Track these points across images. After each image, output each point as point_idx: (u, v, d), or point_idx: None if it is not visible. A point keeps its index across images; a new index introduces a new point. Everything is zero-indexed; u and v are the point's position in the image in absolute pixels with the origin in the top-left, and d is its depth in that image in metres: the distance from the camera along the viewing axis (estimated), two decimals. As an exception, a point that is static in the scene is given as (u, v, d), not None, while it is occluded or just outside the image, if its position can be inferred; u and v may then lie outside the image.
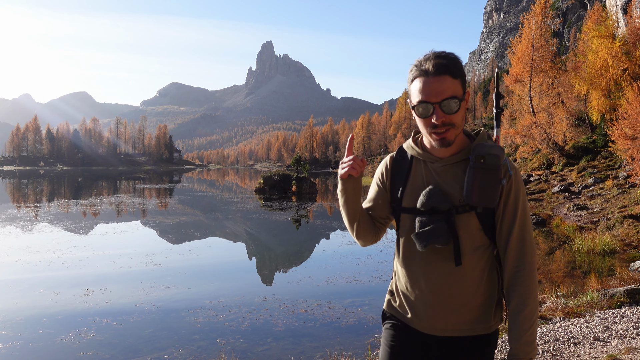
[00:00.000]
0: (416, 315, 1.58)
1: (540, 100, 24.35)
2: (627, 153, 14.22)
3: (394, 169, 1.66)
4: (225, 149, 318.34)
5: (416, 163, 1.62)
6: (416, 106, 1.47)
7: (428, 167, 1.58)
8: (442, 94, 1.42)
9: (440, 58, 1.44)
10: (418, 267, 1.56)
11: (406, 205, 1.58)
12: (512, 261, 1.51)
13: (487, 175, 1.46)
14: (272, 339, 5.30)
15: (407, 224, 1.58)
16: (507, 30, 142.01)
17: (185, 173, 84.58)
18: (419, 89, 1.45)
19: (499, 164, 1.47)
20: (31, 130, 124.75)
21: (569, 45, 53.05)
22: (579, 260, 9.04)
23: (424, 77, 1.45)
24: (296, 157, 30.30)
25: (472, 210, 1.50)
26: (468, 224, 1.50)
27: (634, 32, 19.50)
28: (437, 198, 1.49)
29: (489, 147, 1.49)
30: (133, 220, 17.00)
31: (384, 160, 1.74)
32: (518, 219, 1.52)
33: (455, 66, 1.46)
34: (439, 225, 1.48)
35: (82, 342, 5.22)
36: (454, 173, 1.54)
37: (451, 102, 1.43)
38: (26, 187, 36.19)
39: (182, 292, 7.30)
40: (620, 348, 4.10)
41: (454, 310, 1.52)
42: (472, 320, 1.54)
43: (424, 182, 1.57)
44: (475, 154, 1.48)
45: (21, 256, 9.69)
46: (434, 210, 1.50)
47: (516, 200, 1.53)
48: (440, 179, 1.54)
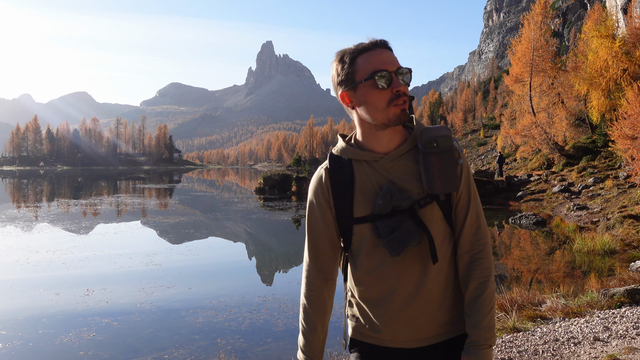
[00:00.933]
0: (393, 332, 1.41)
1: (540, 100, 24.36)
2: (627, 153, 14.22)
3: (334, 180, 1.44)
4: (225, 149, 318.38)
5: (357, 166, 1.43)
6: (372, 78, 1.32)
7: (373, 167, 1.41)
8: (396, 63, 1.34)
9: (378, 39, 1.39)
10: (390, 276, 1.39)
11: (359, 215, 1.40)
12: (469, 244, 1.42)
13: (444, 159, 1.36)
14: (272, 339, 5.31)
15: (366, 234, 1.40)
16: (507, 30, 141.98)
17: (185, 173, 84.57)
18: (369, 61, 1.33)
19: (452, 144, 1.38)
20: (31, 130, 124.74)
21: (569, 45, 53.09)
22: (579, 260, 9.04)
23: (371, 50, 1.34)
24: (296, 157, 30.31)
25: (433, 201, 1.39)
26: (432, 216, 1.39)
27: (634, 32, 19.50)
28: (398, 196, 1.35)
29: (436, 129, 1.39)
30: (133, 220, 17.00)
31: (316, 176, 1.50)
32: (472, 199, 1.44)
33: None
34: (407, 224, 1.34)
35: (82, 342, 5.22)
36: (405, 166, 1.40)
37: (406, 69, 1.35)
38: (26, 187, 36.19)
39: (182, 292, 7.31)
40: (620, 348, 4.10)
41: (433, 314, 1.41)
42: (450, 320, 1.43)
43: (373, 184, 1.40)
44: (426, 139, 1.37)
45: (21, 256, 9.69)
46: (395, 210, 1.36)
47: (468, 179, 1.44)
48: (392, 176, 1.40)
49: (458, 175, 1.39)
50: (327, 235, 1.47)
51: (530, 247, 11.14)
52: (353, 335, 1.50)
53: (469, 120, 77.34)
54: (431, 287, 1.39)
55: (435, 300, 1.40)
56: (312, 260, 1.49)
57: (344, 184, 1.43)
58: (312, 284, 1.49)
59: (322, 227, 1.47)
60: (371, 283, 1.42)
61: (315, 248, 1.49)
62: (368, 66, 1.33)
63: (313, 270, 1.49)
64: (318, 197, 1.47)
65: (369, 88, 1.34)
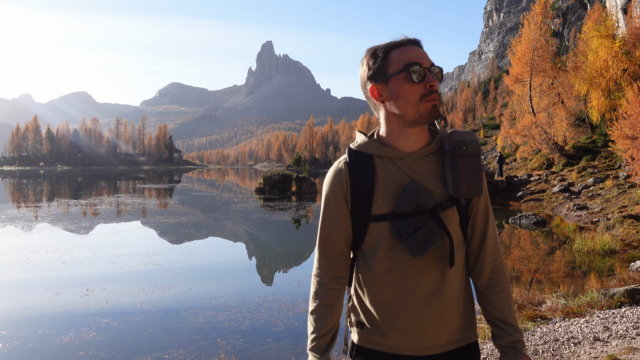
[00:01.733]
0: (403, 338, 1.37)
1: (540, 100, 24.36)
2: (627, 153, 14.22)
3: (354, 175, 1.40)
4: (225, 149, 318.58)
5: (379, 162, 1.40)
6: (406, 70, 1.31)
7: (396, 165, 1.38)
8: (429, 59, 1.34)
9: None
10: (407, 277, 1.35)
11: (379, 212, 1.36)
12: (492, 254, 1.44)
13: (471, 163, 1.35)
14: (272, 339, 5.31)
15: (383, 233, 1.36)
16: (507, 30, 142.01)
17: (185, 173, 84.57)
18: (404, 54, 1.32)
19: (479, 150, 1.37)
20: (31, 130, 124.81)
21: (569, 45, 53.07)
22: (579, 260, 9.04)
23: (406, 45, 1.34)
24: (296, 157, 30.29)
25: (453, 205, 1.37)
26: (452, 219, 1.38)
27: (633, 32, 19.51)
28: (424, 195, 1.33)
29: (465, 133, 1.38)
30: (133, 220, 17.00)
31: (335, 169, 1.45)
32: (489, 210, 1.46)
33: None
34: (430, 225, 1.32)
35: (82, 342, 5.22)
36: (428, 167, 1.39)
37: (437, 68, 1.34)
38: (26, 187, 36.19)
39: (182, 292, 7.31)
40: (620, 348, 4.10)
41: (446, 320, 1.38)
42: (462, 327, 1.41)
43: (395, 182, 1.36)
44: (455, 141, 1.35)
45: (21, 256, 9.69)
46: (417, 210, 1.32)
47: (486, 189, 1.45)
48: (416, 175, 1.37)
49: (484, 181, 1.39)
50: (344, 231, 1.43)
51: (530, 247, 11.14)
52: (359, 342, 1.43)
53: (469, 120, 77.38)
54: (447, 291, 1.37)
55: (449, 306, 1.38)
56: (326, 257, 1.45)
57: (364, 180, 1.39)
58: (324, 282, 1.44)
59: (338, 223, 1.43)
60: (385, 285, 1.37)
61: (329, 245, 1.44)
62: (402, 59, 1.32)
63: (325, 268, 1.44)
64: (336, 191, 1.43)
65: (402, 81, 1.32)
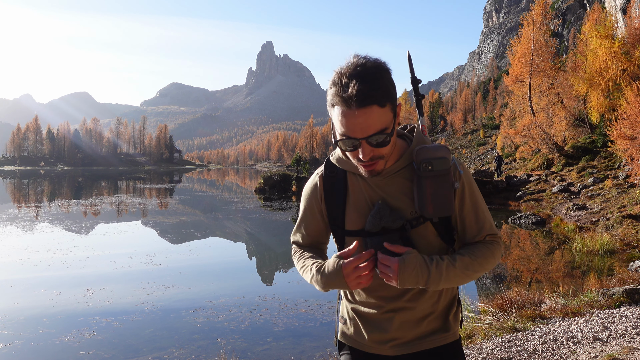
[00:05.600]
0: (375, 339, 1.42)
1: (539, 100, 24.37)
2: (626, 153, 14.23)
3: (327, 189, 1.44)
4: (225, 149, 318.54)
5: (352, 178, 1.40)
6: (340, 140, 1.26)
7: (367, 182, 1.37)
8: (369, 129, 1.21)
9: (364, 82, 1.18)
10: (378, 287, 1.38)
11: (351, 228, 1.39)
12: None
13: (438, 182, 1.30)
14: (272, 339, 5.32)
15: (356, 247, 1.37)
16: (506, 30, 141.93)
17: (186, 173, 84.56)
18: (341, 122, 1.22)
19: (448, 167, 1.31)
20: (32, 130, 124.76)
21: (568, 45, 53.04)
22: (579, 260, 9.05)
23: (345, 109, 1.20)
24: (296, 157, 30.32)
25: (427, 221, 1.34)
26: (425, 235, 1.36)
27: (633, 32, 19.52)
28: (388, 217, 1.32)
29: (433, 149, 1.32)
30: (133, 220, 17.02)
31: (312, 181, 1.49)
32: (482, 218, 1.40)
33: (383, 91, 1.20)
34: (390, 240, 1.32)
35: (83, 342, 5.23)
36: (399, 184, 1.36)
37: (379, 137, 1.23)
38: (27, 187, 36.19)
39: (182, 292, 7.32)
40: (619, 347, 4.12)
41: (417, 324, 1.39)
42: (433, 329, 1.41)
43: (366, 199, 1.37)
44: (420, 161, 1.30)
45: (22, 256, 9.71)
46: (385, 229, 1.32)
47: (474, 200, 1.40)
48: (385, 193, 1.35)
49: (453, 200, 1.34)
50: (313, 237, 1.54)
51: (530, 247, 11.15)
52: (340, 338, 1.52)
53: (468, 121, 77.33)
54: (415, 302, 1.38)
55: (417, 314, 1.39)
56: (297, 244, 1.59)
57: (337, 195, 1.41)
58: (302, 246, 1.57)
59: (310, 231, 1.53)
60: (359, 290, 1.43)
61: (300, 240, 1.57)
62: (338, 125, 1.25)
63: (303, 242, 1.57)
64: (311, 203, 1.49)
65: (340, 147, 1.29)
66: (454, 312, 1.46)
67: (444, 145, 1.36)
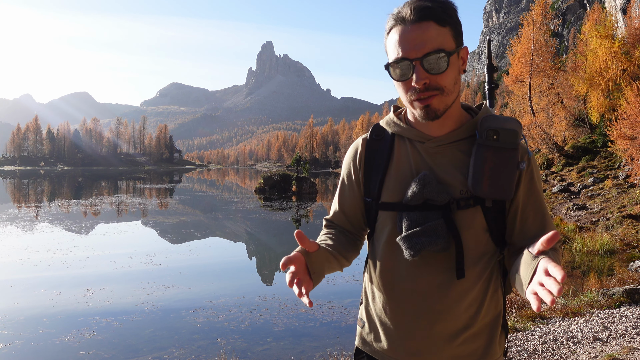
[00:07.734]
0: (399, 349, 1.17)
1: (539, 100, 24.38)
2: (626, 153, 14.24)
3: (369, 154, 1.23)
4: (225, 149, 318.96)
5: (399, 143, 1.21)
6: (392, 65, 1.08)
7: (416, 149, 1.18)
8: (424, 46, 1.04)
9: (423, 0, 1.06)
10: (403, 282, 1.15)
11: (387, 200, 1.17)
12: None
13: (501, 157, 1.09)
14: (272, 339, 5.32)
15: (388, 224, 1.17)
16: (506, 30, 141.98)
17: (186, 173, 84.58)
18: (396, 41, 1.07)
19: (517, 142, 1.11)
20: (32, 130, 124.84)
21: (568, 45, 53.07)
22: (579, 260, 9.06)
23: (401, 26, 1.06)
24: (296, 157, 30.31)
25: (477, 205, 1.11)
26: (472, 223, 1.11)
27: (633, 32, 19.53)
28: (434, 187, 1.10)
29: (503, 119, 1.12)
30: (133, 220, 17.02)
31: (354, 145, 1.29)
32: (544, 214, 1.15)
33: (444, 10, 1.06)
34: (435, 223, 1.09)
35: (83, 342, 5.23)
36: (452, 156, 1.15)
37: (436, 57, 1.04)
38: (27, 187, 36.20)
39: (182, 292, 7.32)
40: (619, 347, 4.12)
41: (450, 339, 1.13)
42: (472, 351, 1.14)
43: (411, 168, 1.16)
44: (485, 129, 1.11)
45: (22, 256, 9.71)
46: (427, 204, 1.11)
47: (538, 193, 1.16)
48: (435, 163, 1.15)
49: (514, 182, 1.11)
50: (352, 214, 1.29)
51: (530, 247, 11.15)
52: (357, 343, 1.30)
53: (469, 121, 77.45)
54: (453, 307, 1.12)
55: (451, 325, 1.13)
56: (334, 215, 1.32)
57: (378, 161, 1.21)
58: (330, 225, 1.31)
59: (345, 205, 1.29)
60: (384, 284, 1.19)
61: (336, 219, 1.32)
62: (392, 50, 1.09)
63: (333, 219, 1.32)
64: (349, 171, 1.28)
65: (392, 75, 1.11)
66: (499, 335, 1.17)
67: (516, 119, 1.15)
